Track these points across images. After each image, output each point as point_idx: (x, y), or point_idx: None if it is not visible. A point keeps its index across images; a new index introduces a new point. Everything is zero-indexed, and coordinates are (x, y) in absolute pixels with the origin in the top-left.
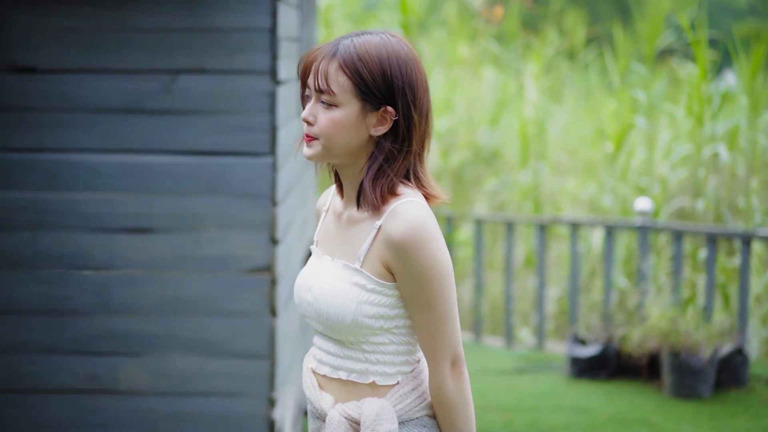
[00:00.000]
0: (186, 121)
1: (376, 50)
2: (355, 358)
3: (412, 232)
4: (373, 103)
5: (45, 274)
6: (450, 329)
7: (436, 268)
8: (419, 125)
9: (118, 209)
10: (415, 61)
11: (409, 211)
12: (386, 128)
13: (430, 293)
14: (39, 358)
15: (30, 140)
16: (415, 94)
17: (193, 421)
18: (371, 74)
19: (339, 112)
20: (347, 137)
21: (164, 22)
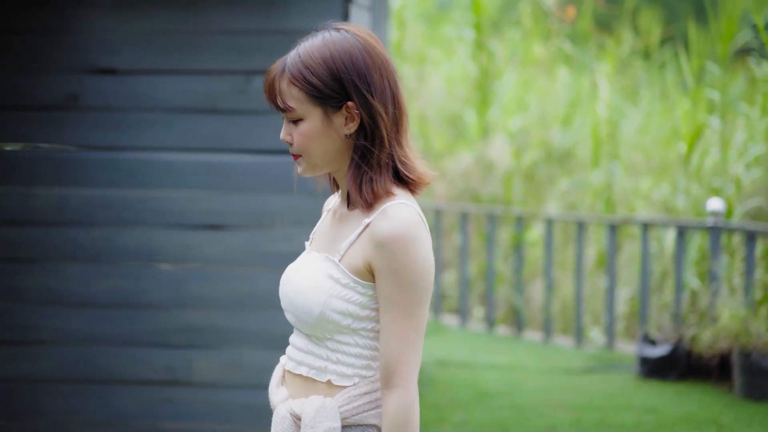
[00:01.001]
0: (259, 120)
1: (318, 52)
2: (317, 354)
3: (399, 231)
4: (332, 103)
5: (123, 269)
6: (419, 345)
7: (417, 272)
8: (383, 109)
9: (194, 206)
10: (364, 47)
11: (400, 212)
12: (356, 124)
13: (406, 299)
14: (117, 350)
15: (110, 139)
16: (367, 81)
17: (265, 414)
18: (319, 77)
19: (305, 124)
20: (322, 146)
21: (239, 25)
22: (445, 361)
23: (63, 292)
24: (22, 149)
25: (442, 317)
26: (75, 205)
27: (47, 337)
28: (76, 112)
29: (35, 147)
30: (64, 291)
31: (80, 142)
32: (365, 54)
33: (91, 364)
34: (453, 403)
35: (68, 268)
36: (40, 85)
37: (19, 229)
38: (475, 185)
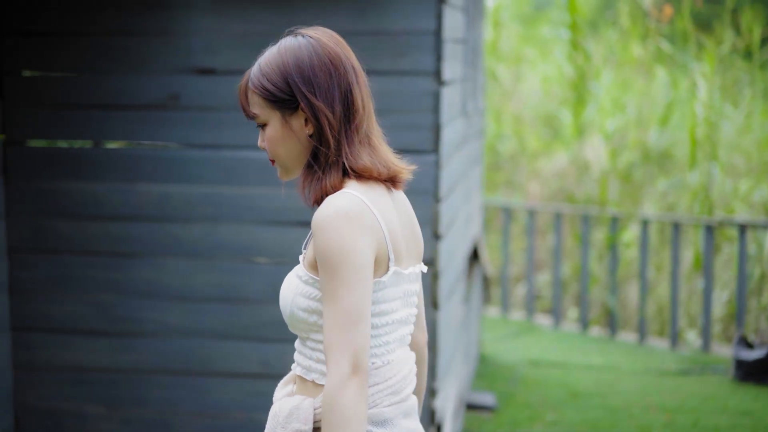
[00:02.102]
0: None
1: (274, 58)
2: (304, 353)
3: (323, 217)
4: (288, 106)
5: (221, 264)
6: (352, 330)
7: (340, 257)
8: (328, 109)
9: (289, 203)
10: (314, 49)
11: (331, 200)
12: (312, 125)
13: (333, 283)
14: (214, 343)
15: (209, 138)
16: (311, 82)
17: None
18: (272, 82)
19: (268, 129)
20: (286, 148)
21: (334, 25)
22: (537, 360)
23: (163, 285)
24: (126, 147)
25: (535, 317)
26: (175, 202)
27: (148, 329)
28: (177, 112)
29: (138, 145)
30: (164, 285)
31: (181, 140)
32: (314, 56)
33: (189, 356)
34: (545, 402)
35: (168, 263)
36: (143, 85)
37: (121, 225)
38: (570, 186)
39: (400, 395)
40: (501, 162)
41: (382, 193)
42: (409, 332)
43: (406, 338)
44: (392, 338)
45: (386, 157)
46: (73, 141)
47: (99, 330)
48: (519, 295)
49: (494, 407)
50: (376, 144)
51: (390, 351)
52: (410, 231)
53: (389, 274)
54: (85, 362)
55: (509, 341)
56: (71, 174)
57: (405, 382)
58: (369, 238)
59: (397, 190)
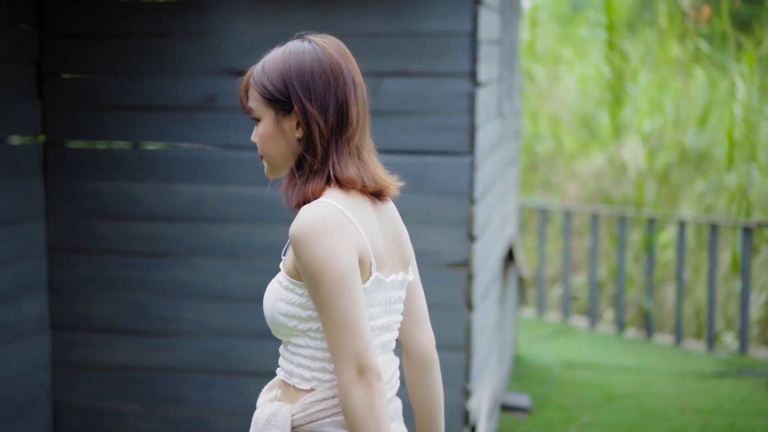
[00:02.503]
0: (390, 121)
1: (278, 59)
2: (286, 357)
3: (300, 229)
4: (282, 107)
5: (257, 265)
6: (349, 335)
7: (322, 268)
8: (321, 116)
9: None
10: (317, 56)
11: (307, 209)
12: (302, 128)
13: (320, 294)
14: (250, 343)
15: (245, 138)
16: (309, 87)
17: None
18: (271, 81)
19: (261, 125)
20: (275, 147)
21: (371, 27)
22: (573, 362)
23: (200, 285)
24: (163, 148)
25: (571, 319)
26: (212, 202)
27: (185, 328)
28: (214, 113)
29: (175, 146)
30: (201, 285)
31: (217, 141)
32: (316, 63)
33: (225, 356)
34: (580, 404)
35: (205, 263)
36: (180, 86)
37: (159, 225)
38: (607, 187)
39: None
40: (537, 163)
41: (363, 204)
42: (392, 338)
43: (389, 344)
44: (374, 344)
45: (374, 171)
46: (112, 142)
47: (136, 329)
48: (555, 296)
49: (529, 408)
50: (365, 158)
51: None
52: (395, 240)
53: (371, 280)
54: (122, 361)
55: (545, 342)
56: (109, 175)
57: (385, 387)
58: (348, 243)
59: (383, 203)
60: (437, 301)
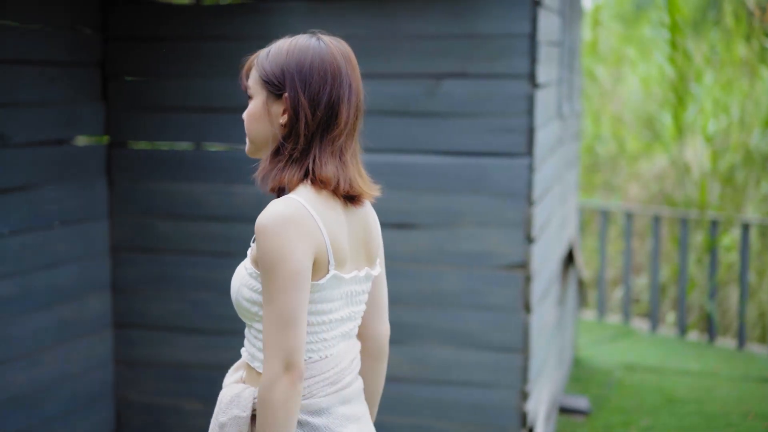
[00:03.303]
0: (448, 123)
1: (284, 47)
2: (249, 340)
3: (264, 221)
4: (274, 90)
5: None
6: (286, 332)
7: (277, 263)
8: (310, 109)
9: (383, 205)
10: (320, 53)
11: (275, 204)
12: (288, 115)
13: (269, 286)
14: None
15: None
16: (305, 78)
17: (450, 409)
18: (271, 65)
19: (251, 104)
20: (259, 127)
21: (430, 29)
22: (633, 365)
23: None
24: (224, 149)
25: (632, 321)
26: None
27: (244, 327)
28: None
29: (235, 147)
30: None
31: None
32: (318, 58)
33: None
34: (640, 407)
35: None
36: (239, 88)
37: (219, 225)
38: (670, 188)
39: (337, 384)
40: (599, 164)
41: (333, 204)
42: (354, 326)
43: (351, 332)
44: (331, 335)
45: (352, 176)
46: (174, 143)
47: (197, 327)
48: (616, 298)
49: (588, 411)
50: (347, 160)
51: (329, 347)
52: (363, 239)
53: (327, 277)
54: (183, 359)
55: (605, 345)
56: (171, 175)
57: (344, 372)
58: (306, 244)
59: (355, 207)
60: (494, 303)
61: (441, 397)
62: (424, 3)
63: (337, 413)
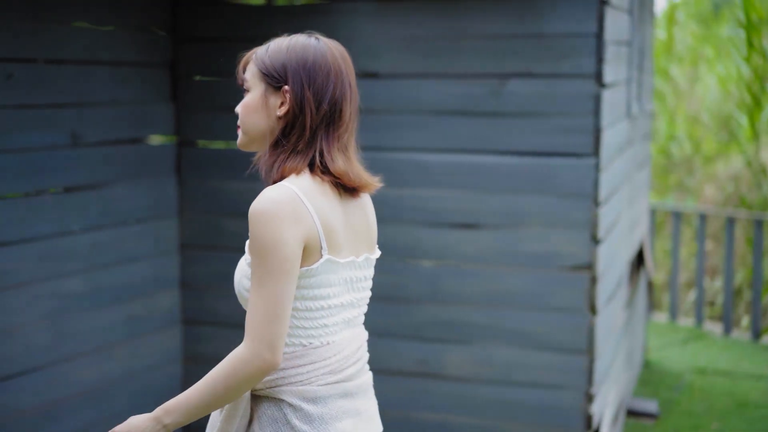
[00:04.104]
0: (514, 123)
1: (285, 44)
2: None
3: (257, 207)
4: (273, 82)
5: (382, 264)
6: (271, 316)
7: (265, 246)
8: (315, 103)
9: (449, 205)
10: (321, 52)
11: (269, 191)
12: (287, 107)
13: (259, 270)
14: (373, 341)
15: (371, 139)
16: (309, 74)
17: (515, 410)
18: (271, 59)
19: (248, 96)
20: (255, 119)
21: (495, 29)
22: (704, 368)
23: None
24: None
25: (704, 324)
26: None
27: None
28: None
29: None
30: None
31: None
32: (319, 57)
33: None
34: (710, 411)
35: None
36: None
37: None
38: (745, 190)
39: (338, 375)
40: (673, 165)
41: (328, 192)
42: (358, 314)
43: (356, 319)
44: (333, 321)
45: (358, 170)
46: None
47: None
48: (688, 301)
49: (657, 414)
50: (351, 155)
51: (330, 333)
52: (362, 226)
53: (321, 261)
54: None
55: (676, 348)
56: (239, 174)
57: (346, 362)
58: (297, 230)
59: (354, 198)
60: (560, 304)
61: (505, 397)
62: (490, 3)
63: (334, 405)
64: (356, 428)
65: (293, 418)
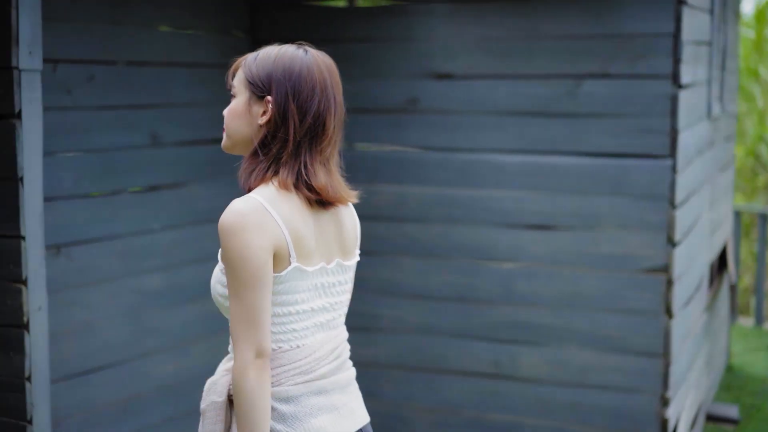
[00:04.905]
0: (588, 124)
1: (273, 54)
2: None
3: (224, 221)
4: (257, 91)
5: (456, 264)
6: (252, 323)
7: (237, 258)
8: (299, 115)
9: (523, 206)
10: (307, 64)
11: (236, 203)
12: (268, 116)
13: (234, 282)
14: (448, 342)
15: (446, 140)
16: (294, 86)
17: (588, 412)
18: (258, 68)
19: (234, 101)
20: (238, 124)
21: (570, 29)
22: None
23: (400, 283)
24: (367, 149)
25: None
26: (412, 202)
27: (385, 325)
28: (416, 115)
29: (378, 147)
30: (401, 283)
31: (419, 143)
32: (305, 69)
33: (423, 353)
34: None
35: (405, 262)
36: (385, 89)
37: (361, 224)
38: None
39: (309, 375)
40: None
41: (295, 202)
42: (335, 317)
43: (332, 322)
44: (302, 326)
45: (337, 184)
46: None
47: None
48: None
49: (737, 420)
50: (332, 168)
51: (300, 337)
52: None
53: (289, 269)
54: None
55: (761, 353)
56: None
57: (318, 363)
58: (264, 241)
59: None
60: (635, 306)
61: (579, 400)
62: (565, 3)
63: (307, 403)
64: (335, 423)
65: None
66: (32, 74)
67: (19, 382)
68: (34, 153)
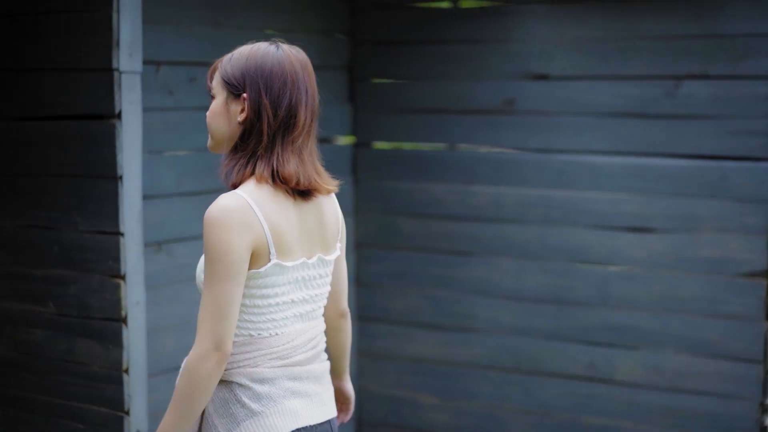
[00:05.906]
0: (688, 125)
1: (246, 52)
2: None
3: (209, 214)
4: (233, 90)
5: (551, 266)
6: (218, 315)
7: (214, 252)
8: (272, 110)
9: (620, 208)
10: (279, 60)
11: (222, 198)
12: (245, 114)
13: (210, 272)
14: (543, 343)
15: (543, 141)
16: (266, 82)
17: (684, 417)
18: (232, 67)
19: (213, 102)
20: (219, 124)
21: (669, 30)
22: None
23: (496, 284)
24: (464, 150)
25: None
26: (508, 203)
27: (480, 325)
28: (513, 116)
29: (475, 148)
30: (497, 283)
31: (515, 144)
32: (276, 65)
33: (518, 354)
34: None
35: (501, 262)
36: (480, 90)
37: (458, 224)
38: None
39: (285, 360)
40: None
41: (279, 198)
42: (314, 308)
43: (311, 313)
44: (281, 316)
45: (310, 172)
46: (418, 143)
47: (435, 324)
48: None
49: None
50: (305, 158)
51: (279, 326)
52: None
53: (269, 265)
54: (421, 354)
55: None
56: (414, 175)
57: (295, 351)
58: (245, 237)
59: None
60: (734, 311)
61: (675, 405)
62: (664, 3)
63: (282, 385)
64: (307, 408)
65: (243, 396)
66: (132, 76)
67: (117, 375)
68: (133, 152)
